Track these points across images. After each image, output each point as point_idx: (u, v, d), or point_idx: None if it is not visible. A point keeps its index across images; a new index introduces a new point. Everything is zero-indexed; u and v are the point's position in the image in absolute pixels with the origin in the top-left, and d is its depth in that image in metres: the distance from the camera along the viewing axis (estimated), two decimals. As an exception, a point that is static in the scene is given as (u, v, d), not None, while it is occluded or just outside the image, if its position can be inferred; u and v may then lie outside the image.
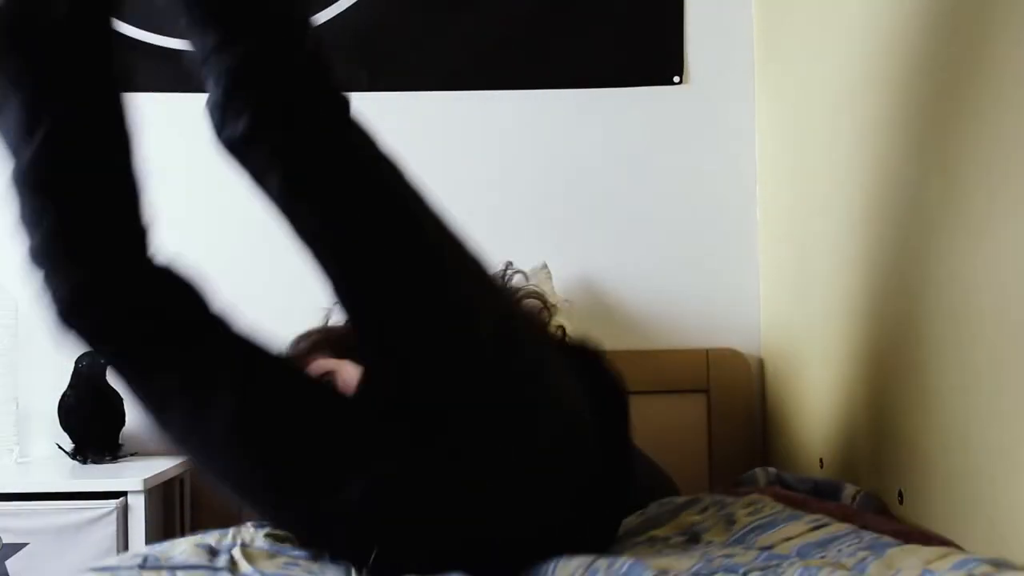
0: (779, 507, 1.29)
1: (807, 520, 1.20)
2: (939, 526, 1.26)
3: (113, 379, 1.12)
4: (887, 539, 1.08)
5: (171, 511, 2.05)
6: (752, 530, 1.23)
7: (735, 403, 2.08)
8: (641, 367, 2.10)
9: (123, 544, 1.80)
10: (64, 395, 2.02)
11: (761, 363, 2.17)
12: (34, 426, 2.14)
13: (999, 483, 1.12)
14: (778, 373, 2.08)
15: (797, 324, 1.95)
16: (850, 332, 1.60)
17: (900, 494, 1.38)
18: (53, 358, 2.14)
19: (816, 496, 1.49)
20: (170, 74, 2.22)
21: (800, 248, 1.92)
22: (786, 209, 2.02)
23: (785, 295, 2.04)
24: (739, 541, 1.21)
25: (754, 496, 1.37)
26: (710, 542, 1.22)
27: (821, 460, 1.75)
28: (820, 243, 1.77)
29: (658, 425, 1.97)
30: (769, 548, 1.13)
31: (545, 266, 2.09)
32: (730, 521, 1.29)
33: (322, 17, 2.22)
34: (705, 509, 1.36)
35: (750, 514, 1.28)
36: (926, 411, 1.30)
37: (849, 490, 1.45)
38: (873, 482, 1.49)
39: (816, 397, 1.82)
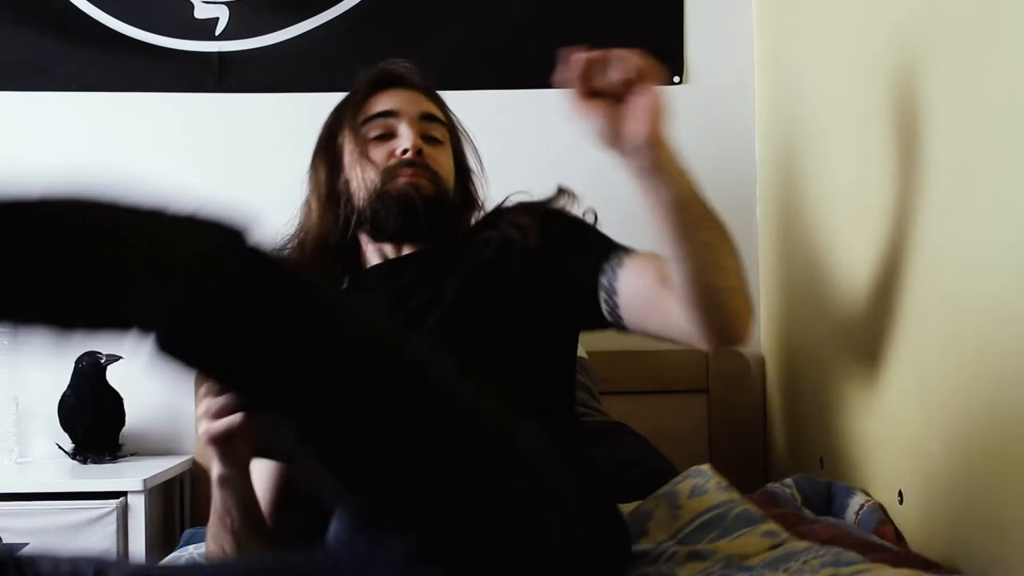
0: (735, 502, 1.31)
1: (762, 533, 1.21)
2: (939, 526, 1.26)
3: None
4: (852, 555, 1.08)
5: (171, 511, 2.05)
6: (701, 527, 1.26)
7: (735, 403, 2.08)
8: (641, 367, 2.10)
9: (123, 544, 1.81)
10: (64, 395, 2.02)
11: (761, 363, 2.17)
12: (34, 426, 2.14)
13: (998, 483, 1.12)
14: (778, 373, 2.08)
15: (797, 324, 1.95)
16: (850, 332, 1.60)
17: (900, 494, 1.38)
18: (53, 358, 2.14)
19: (824, 503, 1.49)
20: (170, 74, 2.22)
21: (800, 248, 1.92)
22: (786, 209, 2.02)
23: (785, 295, 2.04)
24: (688, 539, 1.25)
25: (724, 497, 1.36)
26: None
27: (821, 460, 1.75)
28: (820, 243, 1.77)
29: (658, 425, 1.97)
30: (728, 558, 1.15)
31: None
32: (674, 506, 1.33)
33: (323, 17, 2.22)
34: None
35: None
36: (926, 411, 1.30)
37: (858, 499, 1.45)
38: (873, 482, 1.49)
39: (816, 397, 1.81)
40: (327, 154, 1.54)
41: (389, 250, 1.48)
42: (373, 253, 1.48)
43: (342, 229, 1.47)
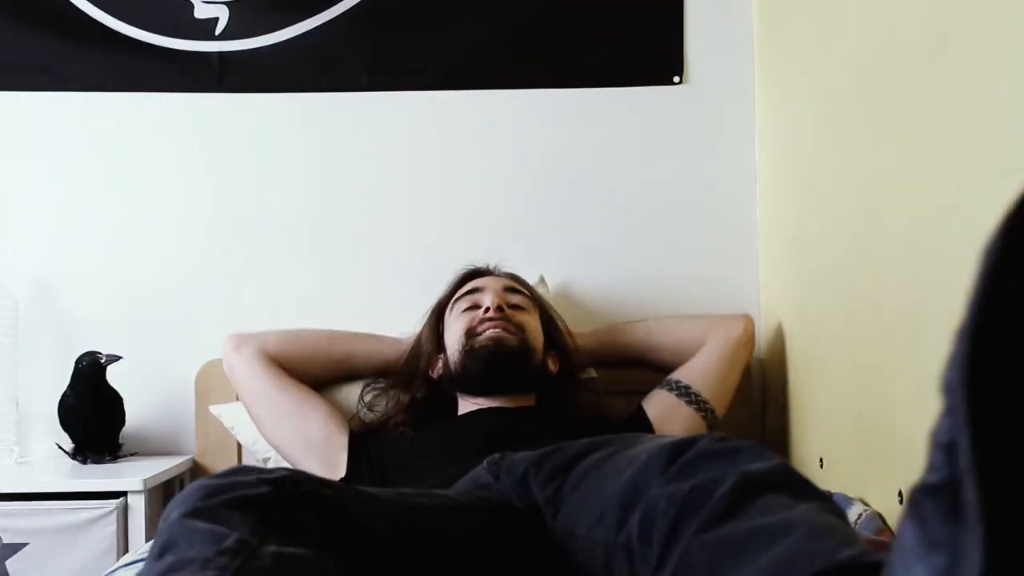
0: None
1: None
2: (939, 526, 1.26)
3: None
4: None
5: (171, 511, 2.05)
6: None
7: (735, 403, 2.07)
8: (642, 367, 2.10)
9: (123, 544, 1.80)
10: (64, 395, 2.02)
11: (761, 363, 2.17)
12: (34, 426, 2.14)
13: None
14: (778, 374, 2.08)
15: (797, 324, 1.95)
16: (850, 331, 1.60)
17: (900, 494, 1.38)
18: (53, 358, 2.14)
19: None
20: (170, 74, 2.22)
21: (800, 248, 1.92)
22: (786, 208, 2.02)
23: (785, 295, 2.04)
24: None
25: None
26: None
27: (821, 460, 1.75)
28: (820, 243, 1.77)
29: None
30: None
31: (543, 280, 2.08)
32: None
33: (323, 17, 2.23)
34: None
35: None
36: (926, 411, 1.30)
37: (856, 508, 1.45)
38: (873, 482, 1.49)
39: (816, 397, 1.82)
40: (432, 339, 1.80)
41: (481, 403, 1.70)
42: (466, 408, 1.71)
43: (438, 390, 1.76)
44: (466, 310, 1.76)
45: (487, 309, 1.72)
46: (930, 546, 0.55)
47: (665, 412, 1.76)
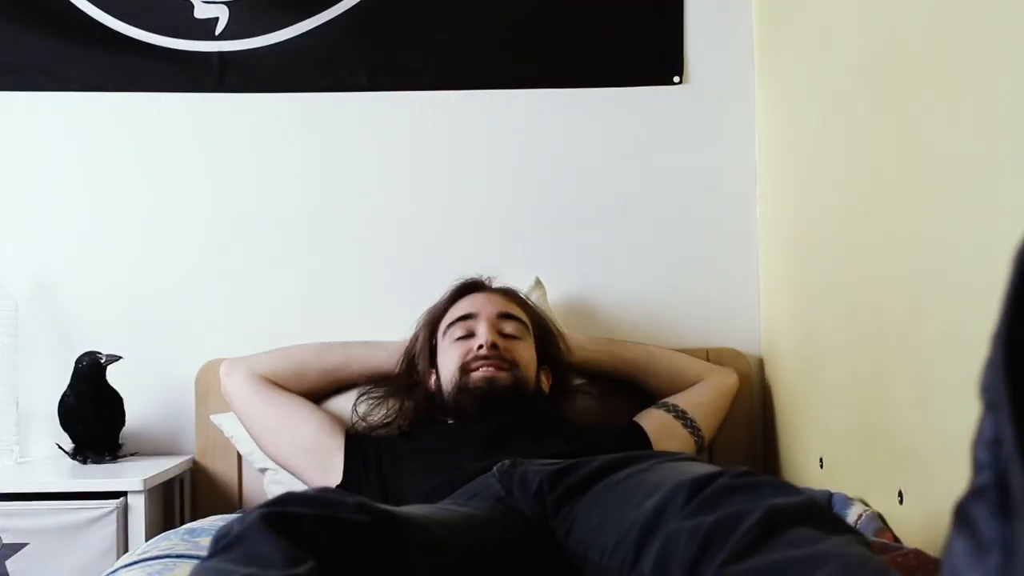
0: None
1: None
2: (939, 526, 1.26)
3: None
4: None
5: (171, 511, 2.05)
6: None
7: (735, 403, 2.07)
8: (641, 367, 2.10)
9: (123, 544, 1.80)
10: (64, 395, 2.02)
11: (761, 363, 2.17)
12: (34, 426, 2.14)
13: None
14: (778, 373, 2.08)
15: (797, 324, 1.95)
16: (850, 331, 1.60)
17: (900, 494, 1.38)
18: (53, 358, 2.14)
19: None
20: (170, 74, 2.22)
21: (800, 248, 1.92)
22: (786, 209, 2.02)
23: (785, 295, 2.04)
24: None
25: None
26: None
27: (821, 460, 1.75)
28: (820, 243, 1.77)
29: (658, 425, 1.97)
30: None
31: (539, 282, 2.08)
32: None
33: (323, 17, 2.22)
34: None
35: None
36: (926, 411, 1.30)
37: (856, 508, 1.45)
38: (873, 481, 1.49)
39: (816, 397, 1.82)
40: (425, 354, 1.81)
41: None
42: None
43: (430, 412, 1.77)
44: (459, 339, 1.76)
45: (480, 346, 1.71)
46: (981, 550, 0.54)
47: (661, 430, 1.80)
